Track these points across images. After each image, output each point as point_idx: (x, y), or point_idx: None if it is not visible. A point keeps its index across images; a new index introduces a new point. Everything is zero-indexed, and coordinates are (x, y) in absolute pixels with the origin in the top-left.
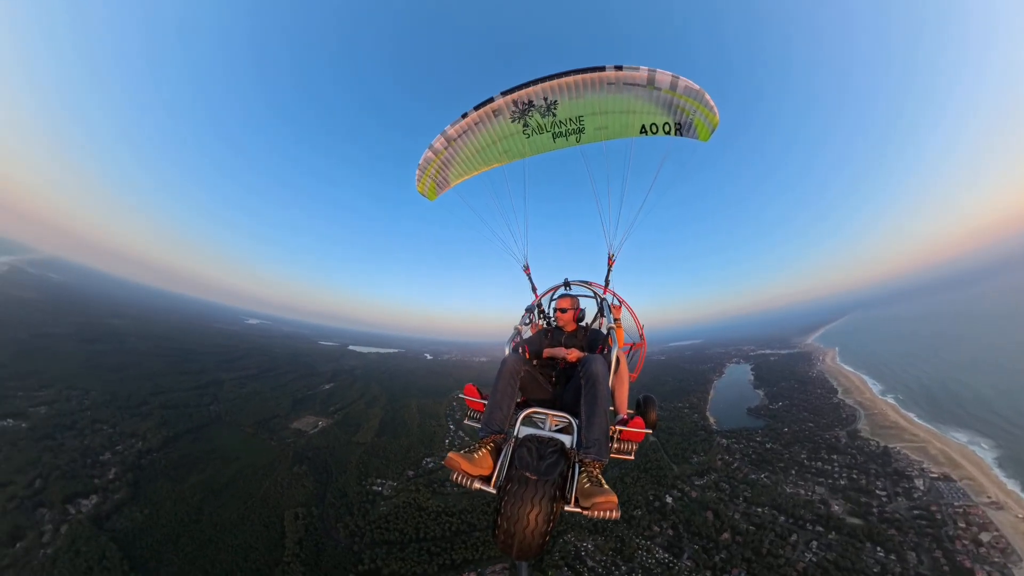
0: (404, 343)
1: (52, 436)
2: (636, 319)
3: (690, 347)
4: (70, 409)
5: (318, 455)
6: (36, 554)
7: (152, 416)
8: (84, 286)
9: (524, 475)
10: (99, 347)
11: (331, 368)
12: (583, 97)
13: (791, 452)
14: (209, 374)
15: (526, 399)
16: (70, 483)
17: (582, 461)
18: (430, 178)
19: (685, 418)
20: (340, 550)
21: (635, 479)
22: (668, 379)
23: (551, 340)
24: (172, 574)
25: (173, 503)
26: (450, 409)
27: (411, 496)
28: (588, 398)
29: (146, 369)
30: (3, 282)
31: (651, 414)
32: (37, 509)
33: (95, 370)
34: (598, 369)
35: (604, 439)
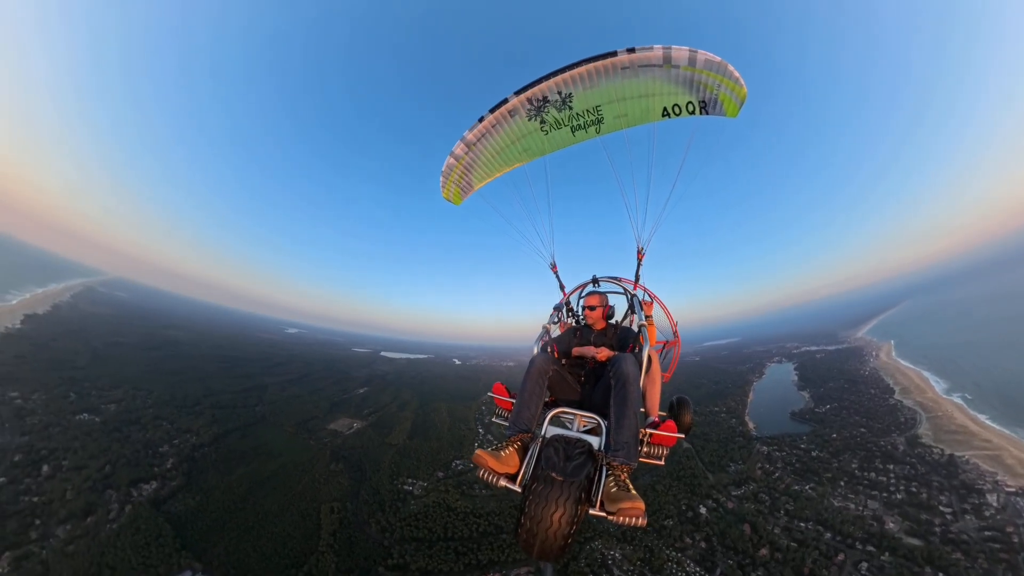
0: (433, 349)
1: (120, 429)
2: (669, 315)
3: (727, 346)
4: (135, 407)
5: (353, 454)
6: (104, 528)
7: (204, 415)
8: (146, 302)
9: (550, 475)
10: (159, 354)
11: (365, 373)
12: (598, 86)
13: (840, 461)
14: (254, 378)
15: (555, 399)
16: (134, 470)
17: (610, 464)
18: (454, 183)
19: (722, 423)
20: (371, 544)
21: (667, 487)
22: (703, 381)
23: (580, 339)
24: (218, 555)
25: (221, 492)
26: (479, 413)
27: (440, 496)
28: (617, 399)
29: (200, 373)
30: (80, 300)
31: (685, 417)
32: (106, 490)
33: (156, 374)
34: (628, 369)
35: (633, 442)
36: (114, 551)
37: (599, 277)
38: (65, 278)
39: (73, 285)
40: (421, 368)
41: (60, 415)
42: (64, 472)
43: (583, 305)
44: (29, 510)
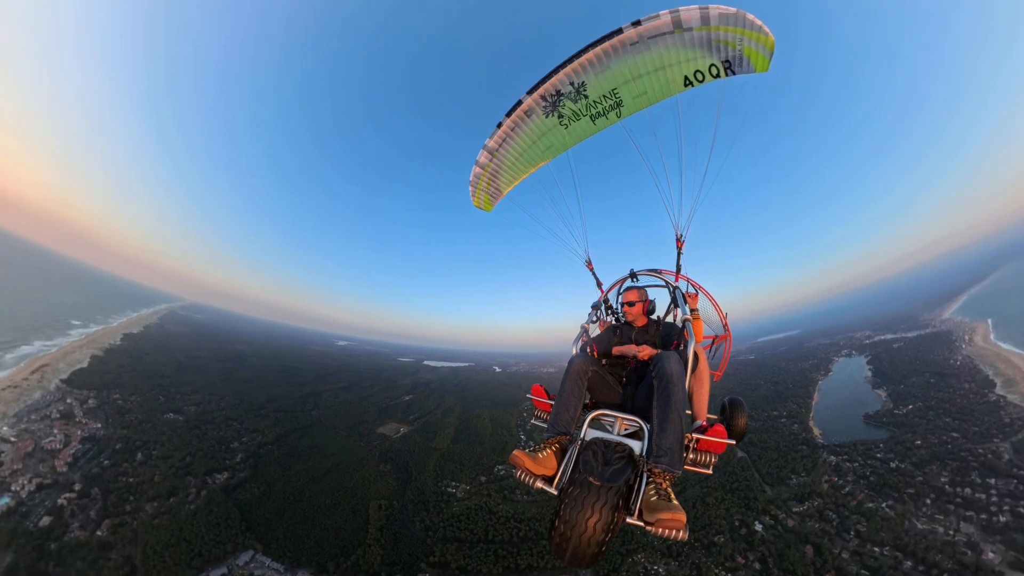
0: (474, 357)
1: (199, 427)
2: (717, 307)
3: (785, 341)
4: (211, 409)
5: (400, 457)
6: (183, 508)
7: (268, 417)
8: (218, 322)
9: (587, 479)
10: (230, 365)
11: (409, 381)
12: (609, 68)
13: (926, 474)
14: (310, 386)
15: (595, 401)
16: (209, 461)
17: (651, 471)
18: (483, 191)
19: (782, 430)
20: (415, 541)
21: (719, 500)
22: (760, 382)
23: (620, 337)
24: (277, 538)
25: (282, 484)
26: (520, 419)
27: (482, 500)
28: (661, 400)
29: (263, 382)
30: (165, 321)
31: (738, 421)
32: (186, 477)
33: (228, 382)
34: (672, 368)
35: (678, 448)
36: (191, 527)
37: (637, 271)
38: (153, 304)
39: (159, 310)
40: (463, 376)
41: (151, 414)
42: (153, 460)
43: (622, 302)
44: (126, 488)
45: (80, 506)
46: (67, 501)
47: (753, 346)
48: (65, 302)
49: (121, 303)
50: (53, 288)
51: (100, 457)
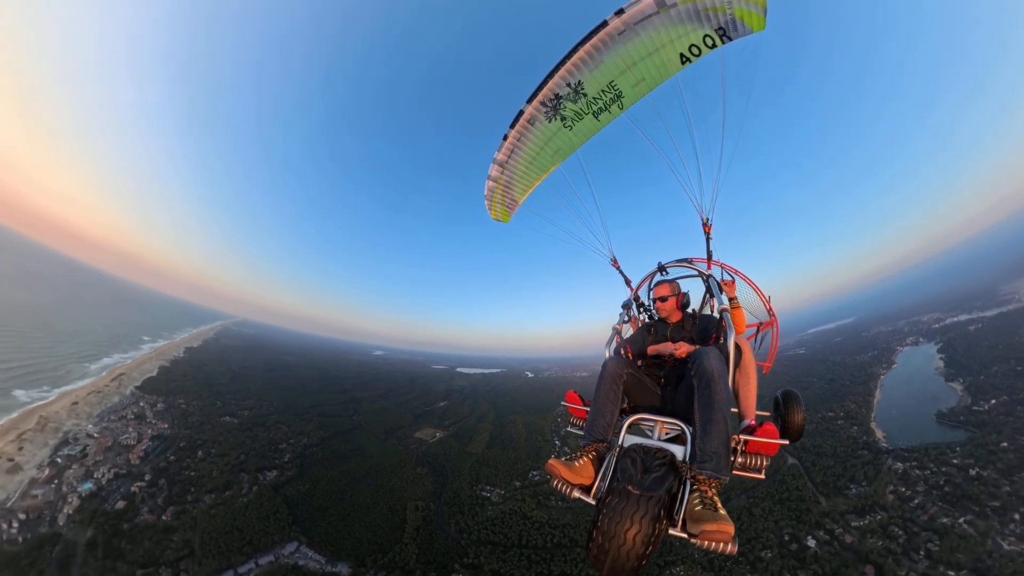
0: (506, 363)
1: (251, 429)
2: (758, 291)
3: (839, 330)
4: (262, 413)
5: (436, 460)
6: (237, 500)
7: (313, 421)
8: (266, 336)
9: (626, 488)
10: (278, 375)
11: (443, 388)
12: (603, 62)
13: (1014, 483)
14: (350, 393)
15: (632, 405)
16: (260, 460)
17: (695, 477)
18: (498, 203)
19: (839, 432)
20: (450, 542)
21: (767, 511)
22: (812, 379)
23: (655, 335)
24: (320, 532)
25: (326, 483)
26: (555, 425)
27: (517, 505)
28: (702, 400)
29: (308, 389)
30: (221, 336)
31: (793, 417)
32: (240, 473)
33: (276, 390)
34: (712, 364)
35: (724, 451)
36: (243, 518)
37: (665, 263)
38: (209, 322)
39: (215, 326)
40: (495, 382)
41: (210, 417)
42: (212, 457)
43: (653, 298)
44: (188, 480)
45: (149, 494)
46: (138, 489)
47: (802, 339)
48: (137, 322)
49: (183, 321)
50: (127, 311)
51: (167, 453)
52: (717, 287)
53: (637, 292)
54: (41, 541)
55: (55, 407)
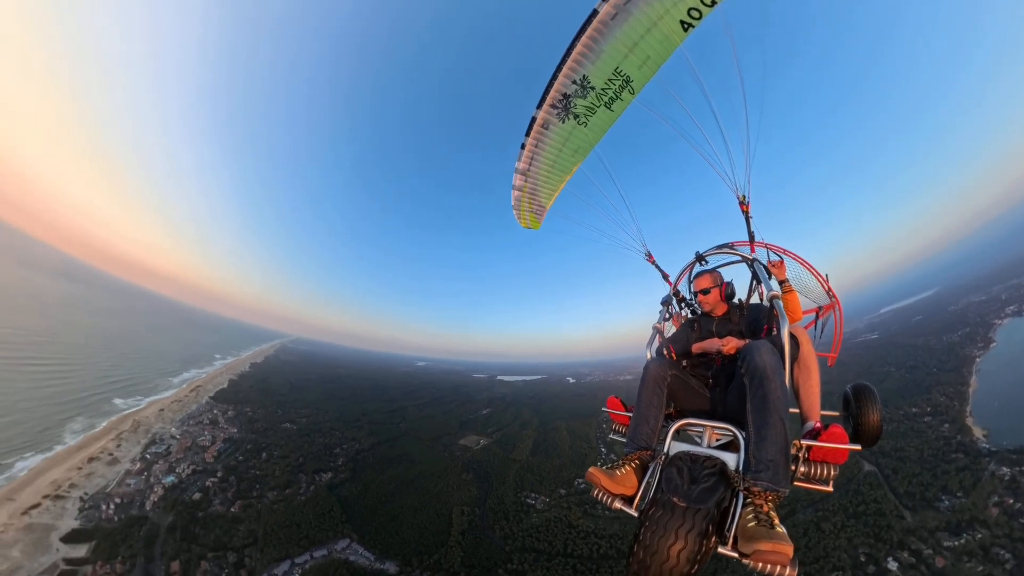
0: (546, 369)
1: (308, 435)
2: (812, 270)
3: (918, 306)
4: (318, 420)
5: (480, 467)
6: (296, 499)
7: (364, 428)
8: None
9: (671, 500)
10: (331, 386)
11: (486, 396)
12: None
13: None
14: (397, 402)
15: (678, 409)
16: (317, 462)
17: (749, 489)
18: (526, 211)
19: (926, 432)
20: (494, 547)
21: (838, 527)
22: (888, 369)
23: (699, 332)
24: (370, 531)
25: (376, 486)
26: (599, 431)
27: (562, 512)
28: (755, 401)
29: (359, 399)
30: (280, 352)
31: (868, 417)
32: (299, 474)
33: (330, 399)
34: (764, 359)
35: (782, 459)
36: (301, 514)
37: (703, 252)
38: (270, 340)
39: (275, 344)
40: (537, 389)
41: (272, 423)
42: (274, 459)
43: (693, 291)
44: (253, 479)
45: (221, 488)
46: (212, 483)
47: (874, 321)
48: (209, 342)
49: (247, 340)
50: (201, 333)
51: (236, 454)
52: (764, 271)
53: (676, 286)
54: (132, 522)
55: (146, 413)
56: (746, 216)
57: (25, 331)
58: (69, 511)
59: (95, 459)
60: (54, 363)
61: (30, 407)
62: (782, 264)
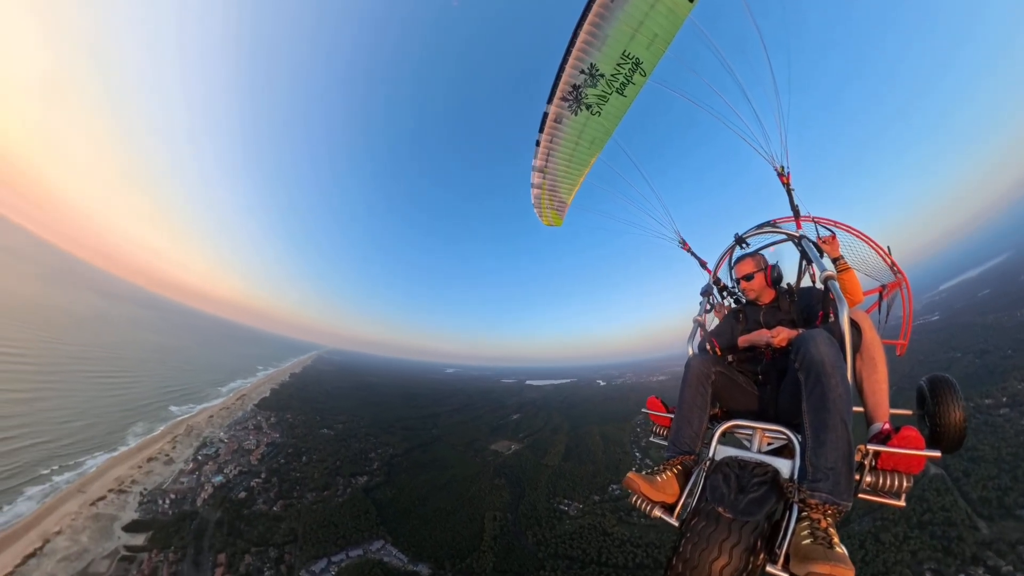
0: (576, 372)
1: (345, 440)
2: (871, 243)
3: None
4: (353, 426)
5: (512, 472)
6: (333, 499)
7: (397, 434)
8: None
9: (715, 510)
10: (365, 393)
11: (515, 401)
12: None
13: None
14: (429, 408)
15: (725, 409)
16: (353, 466)
17: (805, 501)
18: (547, 208)
19: (1001, 427)
20: (527, 553)
21: (900, 537)
22: (954, 353)
23: (745, 322)
24: (404, 533)
25: (410, 489)
26: (633, 435)
27: (596, 520)
28: (812, 400)
29: (392, 405)
30: (316, 363)
31: (949, 415)
32: (336, 476)
33: (364, 406)
34: (821, 350)
35: (844, 467)
36: (338, 515)
37: (743, 234)
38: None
39: (312, 355)
40: (567, 392)
41: (311, 429)
42: (313, 462)
43: (735, 278)
44: (294, 480)
45: (264, 488)
46: (256, 484)
47: (932, 301)
48: (252, 355)
49: (286, 353)
50: (245, 347)
51: (278, 457)
52: (814, 249)
53: (716, 274)
54: (184, 516)
55: (198, 419)
56: (787, 188)
57: (98, 348)
58: (130, 504)
59: (153, 459)
60: (120, 375)
61: (99, 412)
62: (834, 239)
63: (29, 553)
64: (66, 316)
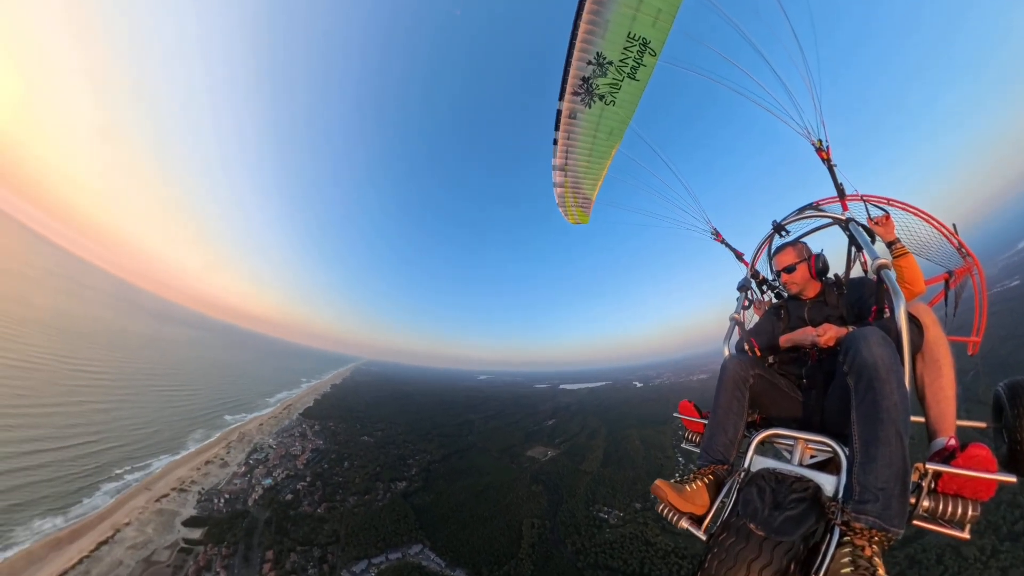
0: (610, 375)
1: (384, 447)
2: (933, 221)
3: None
4: (392, 434)
5: (550, 479)
6: (374, 503)
7: (434, 441)
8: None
9: (746, 526)
10: (402, 402)
11: (550, 406)
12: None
13: None
14: (463, 415)
15: (764, 416)
16: (392, 472)
17: (849, 524)
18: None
19: None
20: (565, 563)
21: (987, 552)
22: None
23: (787, 319)
24: (441, 539)
25: (447, 496)
26: (675, 438)
27: (638, 528)
28: (864, 408)
29: (428, 413)
30: (355, 374)
31: None
32: (376, 482)
33: (402, 414)
34: (874, 352)
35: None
36: (378, 518)
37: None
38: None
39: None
40: (602, 396)
41: (352, 436)
42: (355, 467)
43: (776, 270)
44: (337, 484)
45: (309, 491)
46: (302, 487)
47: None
48: (297, 368)
49: (327, 365)
50: (289, 361)
51: (322, 462)
52: (864, 233)
53: (754, 266)
54: (236, 514)
55: (249, 426)
56: (828, 165)
57: (163, 365)
58: (189, 501)
59: (210, 462)
60: (181, 389)
61: (165, 421)
62: (888, 220)
63: (102, 540)
64: (135, 339)
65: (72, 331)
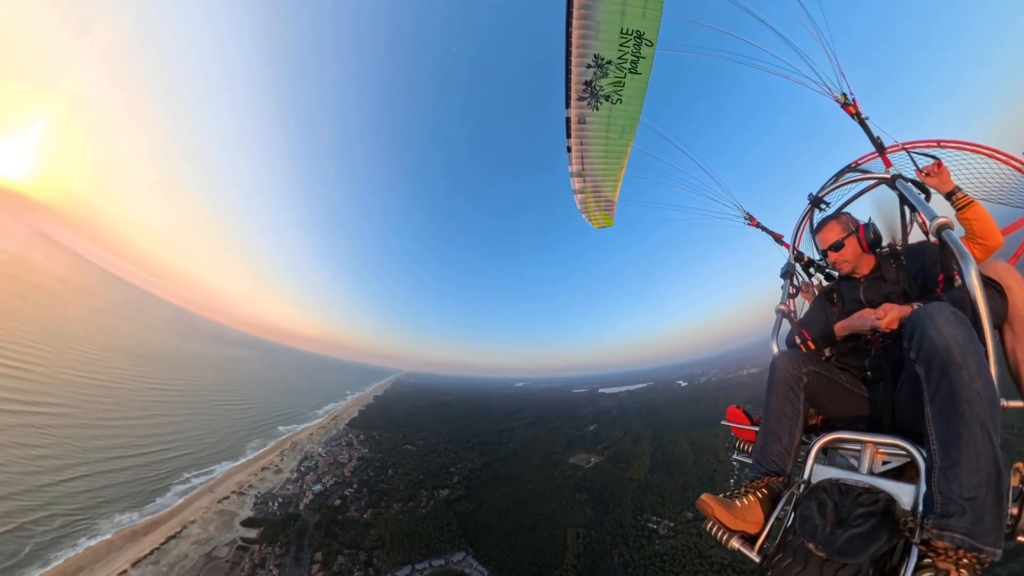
0: (651, 375)
1: (426, 455)
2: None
3: None
4: (433, 442)
5: (594, 487)
6: (418, 510)
7: (475, 449)
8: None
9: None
10: (442, 411)
11: (590, 411)
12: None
13: None
14: (503, 423)
15: (824, 418)
16: (434, 479)
17: (929, 543)
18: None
19: None
20: (613, 575)
21: None
22: None
23: (841, 304)
24: (484, 547)
25: (490, 504)
26: (728, 440)
27: (691, 540)
28: (939, 401)
29: (468, 421)
30: (396, 385)
31: None
32: (419, 489)
33: (442, 423)
34: (944, 332)
35: (990, 496)
36: (422, 525)
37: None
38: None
39: (391, 379)
40: (644, 398)
41: (395, 445)
42: (399, 475)
43: (821, 250)
44: (382, 491)
45: (356, 497)
46: (349, 493)
47: None
48: (342, 382)
49: (370, 378)
50: (335, 375)
51: (367, 470)
52: (914, 190)
53: (797, 248)
54: (289, 517)
55: (300, 436)
56: (859, 119)
57: (224, 382)
58: (247, 504)
59: (266, 468)
60: (240, 402)
61: (226, 431)
62: (941, 167)
63: (171, 535)
64: (199, 359)
65: (148, 356)
